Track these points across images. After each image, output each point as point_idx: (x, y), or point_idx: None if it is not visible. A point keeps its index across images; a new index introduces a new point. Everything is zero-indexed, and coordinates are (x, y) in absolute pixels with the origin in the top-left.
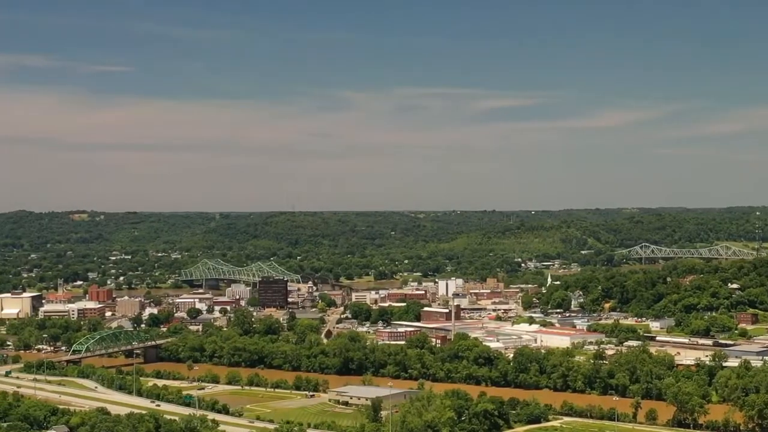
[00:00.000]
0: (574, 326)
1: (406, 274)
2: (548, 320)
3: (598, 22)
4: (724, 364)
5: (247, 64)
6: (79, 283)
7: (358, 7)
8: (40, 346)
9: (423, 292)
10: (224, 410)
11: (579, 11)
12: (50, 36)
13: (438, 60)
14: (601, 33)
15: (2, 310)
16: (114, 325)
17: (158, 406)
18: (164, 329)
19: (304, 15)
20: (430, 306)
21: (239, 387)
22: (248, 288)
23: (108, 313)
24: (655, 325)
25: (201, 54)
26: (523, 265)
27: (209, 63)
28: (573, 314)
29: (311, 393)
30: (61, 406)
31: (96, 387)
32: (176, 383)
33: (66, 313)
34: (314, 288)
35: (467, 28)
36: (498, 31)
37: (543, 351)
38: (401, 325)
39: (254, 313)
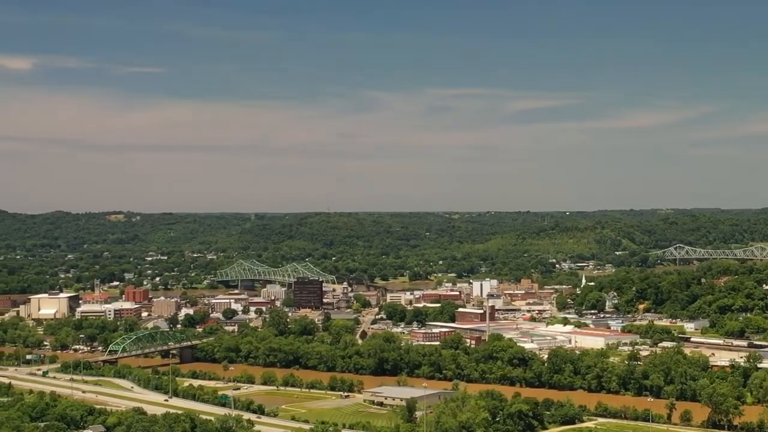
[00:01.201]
0: (609, 327)
1: (440, 274)
2: (582, 321)
3: (630, 22)
4: (759, 365)
5: (280, 65)
6: (116, 283)
7: (390, 8)
8: (77, 347)
9: (457, 292)
10: (259, 410)
11: (611, 11)
12: (84, 38)
13: (469, 61)
14: (632, 33)
15: (39, 310)
16: (150, 325)
17: (166, 401)
18: (200, 330)
19: (335, 16)
20: (464, 307)
21: (274, 387)
22: (283, 289)
23: (144, 314)
24: (689, 326)
25: (233, 55)
26: (557, 265)
27: (241, 64)
28: (607, 315)
29: (346, 393)
30: (97, 406)
31: (132, 387)
32: (212, 383)
33: (102, 314)
34: (349, 289)
35: (499, 28)
36: (530, 32)
37: (577, 352)
38: (436, 326)
39: (289, 314)
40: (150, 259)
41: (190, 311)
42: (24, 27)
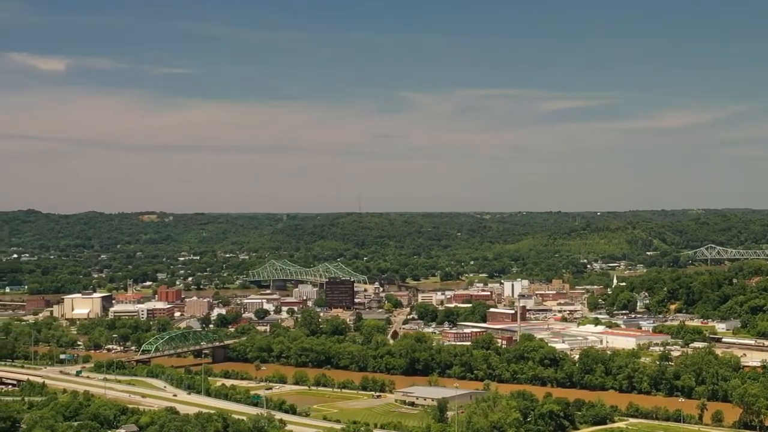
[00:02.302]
0: (640, 327)
1: (471, 275)
2: (614, 321)
3: (661, 23)
4: None
5: (312, 66)
6: (149, 283)
7: (421, 8)
8: (110, 346)
9: (489, 293)
10: (291, 410)
11: (642, 12)
12: (117, 39)
13: (500, 61)
14: (664, 34)
15: (73, 310)
16: (183, 325)
17: (175, 396)
18: (232, 329)
19: (366, 16)
20: (495, 307)
21: (306, 387)
22: (315, 289)
23: (177, 314)
24: (721, 327)
25: (266, 56)
26: (588, 266)
27: (274, 65)
28: (638, 315)
29: (378, 393)
30: (130, 406)
31: (165, 386)
32: (244, 383)
33: (135, 314)
34: (380, 289)
35: (530, 28)
36: (561, 32)
37: (608, 352)
38: (467, 326)
39: (321, 314)
40: (183, 259)
41: (223, 311)
42: (57, 28)
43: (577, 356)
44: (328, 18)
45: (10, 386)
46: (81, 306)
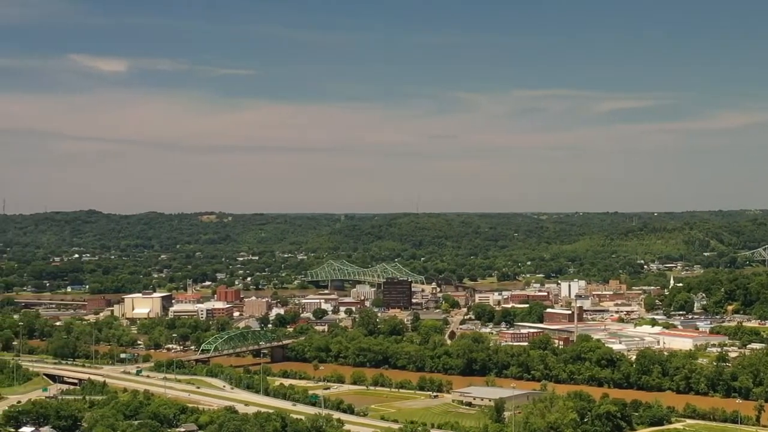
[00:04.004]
0: (697, 328)
1: (528, 275)
2: (671, 322)
3: (719, 22)
4: None
5: (369, 67)
6: (208, 283)
7: (478, 9)
8: (170, 346)
9: (546, 293)
10: (349, 410)
11: (699, 12)
12: (177, 40)
13: (558, 62)
14: (720, 33)
15: (133, 309)
16: (241, 325)
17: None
18: (290, 329)
19: (424, 17)
20: (552, 307)
21: (364, 387)
22: (373, 289)
23: (236, 313)
24: None
25: (323, 57)
26: (645, 266)
27: (331, 65)
28: (696, 316)
29: (435, 393)
30: (190, 405)
31: (224, 386)
32: (302, 383)
33: (195, 313)
34: (438, 289)
35: (587, 29)
36: (618, 32)
37: (665, 353)
38: (524, 327)
39: (379, 314)
40: (241, 259)
41: (281, 311)
42: (118, 30)
43: (634, 357)
44: (386, 19)
45: (71, 385)
46: (141, 306)
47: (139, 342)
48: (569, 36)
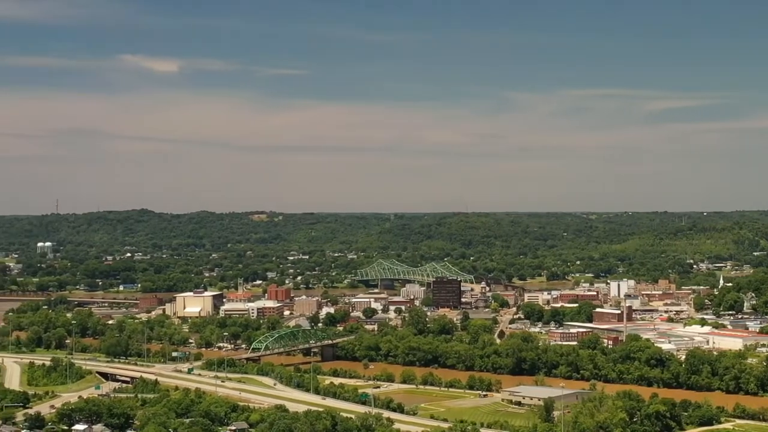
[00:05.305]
0: (747, 328)
1: (577, 275)
2: (720, 322)
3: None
4: None
5: (421, 66)
6: (259, 282)
7: (530, 9)
8: (221, 344)
9: (595, 293)
10: (399, 409)
11: (753, 11)
12: (229, 41)
13: (608, 61)
14: None
15: (185, 308)
16: (292, 323)
17: (274, 385)
18: (341, 328)
19: (476, 16)
20: (602, 307)
21: (414, 386)
22: (422, 288)
23: (286, 312)
24: None
25: (375, 56)
26: (694, 266)
27: (383, 65)
28: (745, 316)
29: (484, 392)
30: (241, 403)
31: (275, 384)
32: (352, 381)
33: (246, 312)
34: (487, 288)
35: (638, 28)
36: (669, 32)
37: (715, 353)
38: (573, 326)
39: (428, 313)
40: (292, 258)
41: (331, 310)
42: (171, 31)
43: (684, 357)
44: (439, 19)
45: (123, 383)
46: (192, 304)
47: (190, 340)
48: (620, 36)
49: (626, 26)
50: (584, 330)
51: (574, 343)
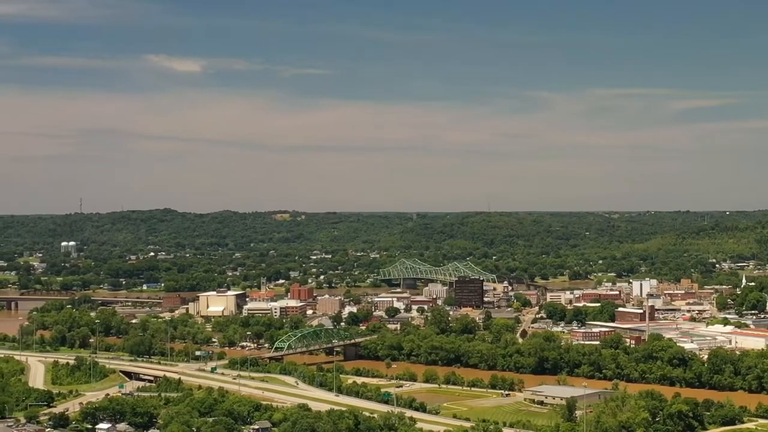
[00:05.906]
0: None
1: (600, 274)
2: (743, 321)
3: None
4: None
5: (444, 66)
6: (281, 281)
7: (555, 8)
8: (244, 343)
9: (617, 292)
10: (421, 408)
11: None
12: (252, 40)
13: (632, 61)
14: None
15: (208, 307)
16: (315, 323)
17: (296, 384)
18: (363, 327)
19: (499, 16)
20: (624, 306)
21: (436, 385)
22: (445, 287)
23: (309, 312)
24: None
25: (399, 56)
26: (717, 266)
27: (407, 65)
28: None
29: (507, 392)
30: (264, 402)
31: (297, 383)
32: (375, 381)
33: (269, 311)
34: (509, 288)
35: (662, 27)
36: (693, 32)
37: (738, 352)
38: (596, 326)
39: (451, 313)
40: (315, 257)
41: (354, 309)
42: (193, 30)
43: (706, 356)
44: (462, 19)
45: (147, 382)
46: (216, 304)
47: (213, 339)
48: (645, 35)
49: (652, 26)
50: (606, 329)
51: (597, 342)
